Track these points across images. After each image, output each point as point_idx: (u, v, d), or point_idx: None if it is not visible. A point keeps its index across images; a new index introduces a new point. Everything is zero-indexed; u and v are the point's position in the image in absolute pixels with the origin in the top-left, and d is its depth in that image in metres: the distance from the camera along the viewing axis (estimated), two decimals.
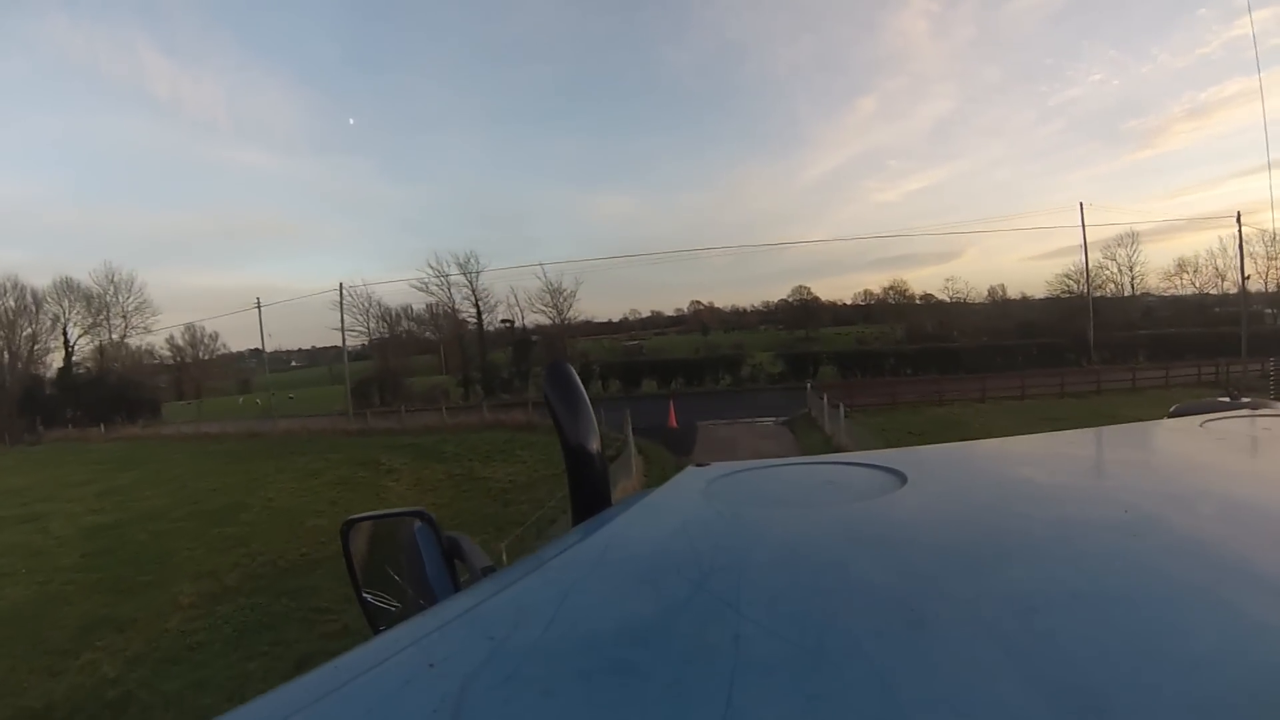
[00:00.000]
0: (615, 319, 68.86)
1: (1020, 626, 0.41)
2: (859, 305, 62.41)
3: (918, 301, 54.86)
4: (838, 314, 62.44)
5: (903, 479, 0.80)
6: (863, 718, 0.33)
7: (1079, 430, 1.21)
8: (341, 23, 66.88)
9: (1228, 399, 1.37)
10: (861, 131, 66.49)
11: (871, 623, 0.43)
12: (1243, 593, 0.44)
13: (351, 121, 66.56)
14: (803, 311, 63.62)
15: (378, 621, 1.08)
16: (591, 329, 67.72)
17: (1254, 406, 1.28)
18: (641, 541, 0.71)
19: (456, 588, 1.00)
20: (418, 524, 1.10)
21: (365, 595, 1.14)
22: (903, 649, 0.39)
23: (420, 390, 37.91)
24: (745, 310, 66.47)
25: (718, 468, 1.00)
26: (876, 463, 0.89)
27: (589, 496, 0.89)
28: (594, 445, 0.89)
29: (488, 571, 0.95)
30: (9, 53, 56.67)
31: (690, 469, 1.01)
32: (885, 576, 0.51)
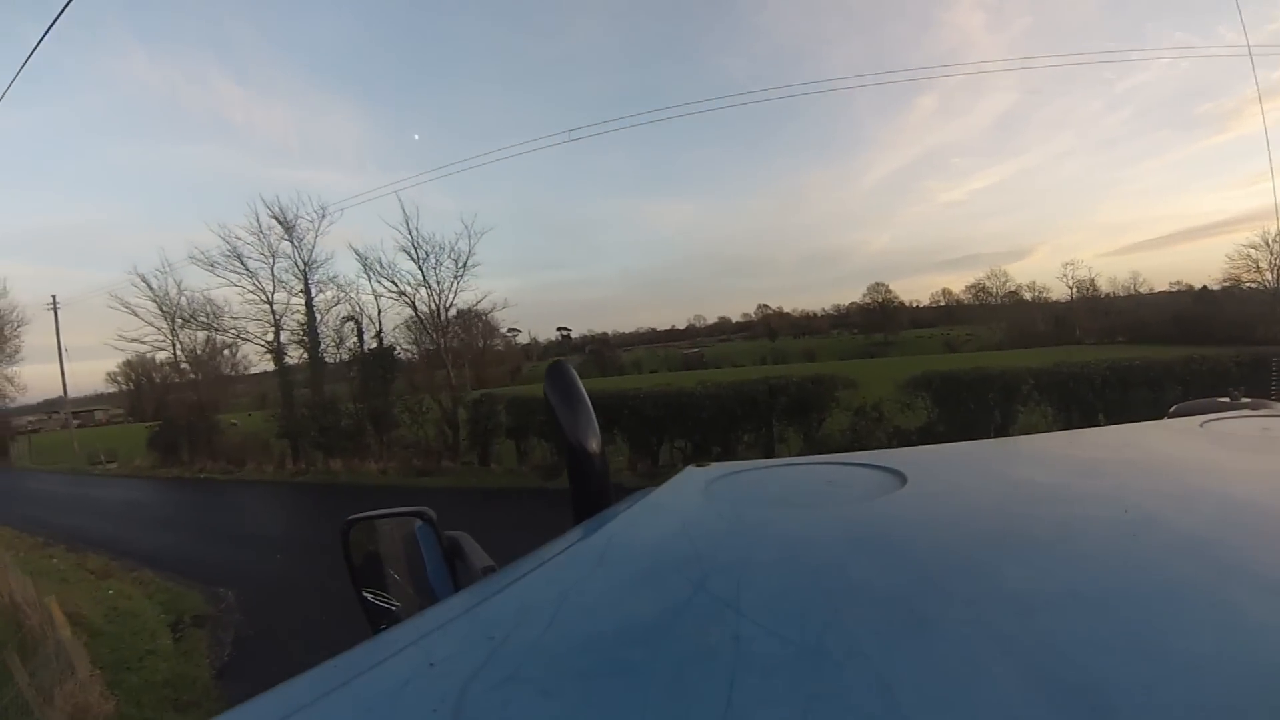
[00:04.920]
0: (680, 326, 69.85)
1: (1020, 626, 0.41)
2: (937, 306, 60.48)
3: (999, 300, 51.55)
4: (915, 316, 60.33)
5: (903, 479, 0.80)
6: (863, 718, 0.33)
7: (1079, 430, 1.21)
8: (401, 44, 63.67)
9: (1227, 399, 1.38)
10: (923, 130, 65.04)
11: (871, 623, 0.43)
12: (1243, 593, 0.44)
13: (416, 138, 61.91)
14: (880, 313, 59.74)
15: (378, 621, 1.07)
16: (657, 336, 69.37)
17: (1254, 406, 1.29)
18: (641, 541, 0.71)
19: (456, 587, 1.00)
20: (418, 523, 1.09)
21: (365, 594, 1.12)
22: (903, 649, 0.39)
23: (233, 441, 20.43)
24: (815, 314, 64.23)
25: (718, 468, 1.00)
26: (876, 463, 0.90)
27: (589, 496, 0.89)
28: (594, 445, 0.90)
29: (488, 571, 0.95)
30: (94, 88, 53.73)
31: (690, 469, 1.01)
32: (885, 576, 0.51)
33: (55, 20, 8.48)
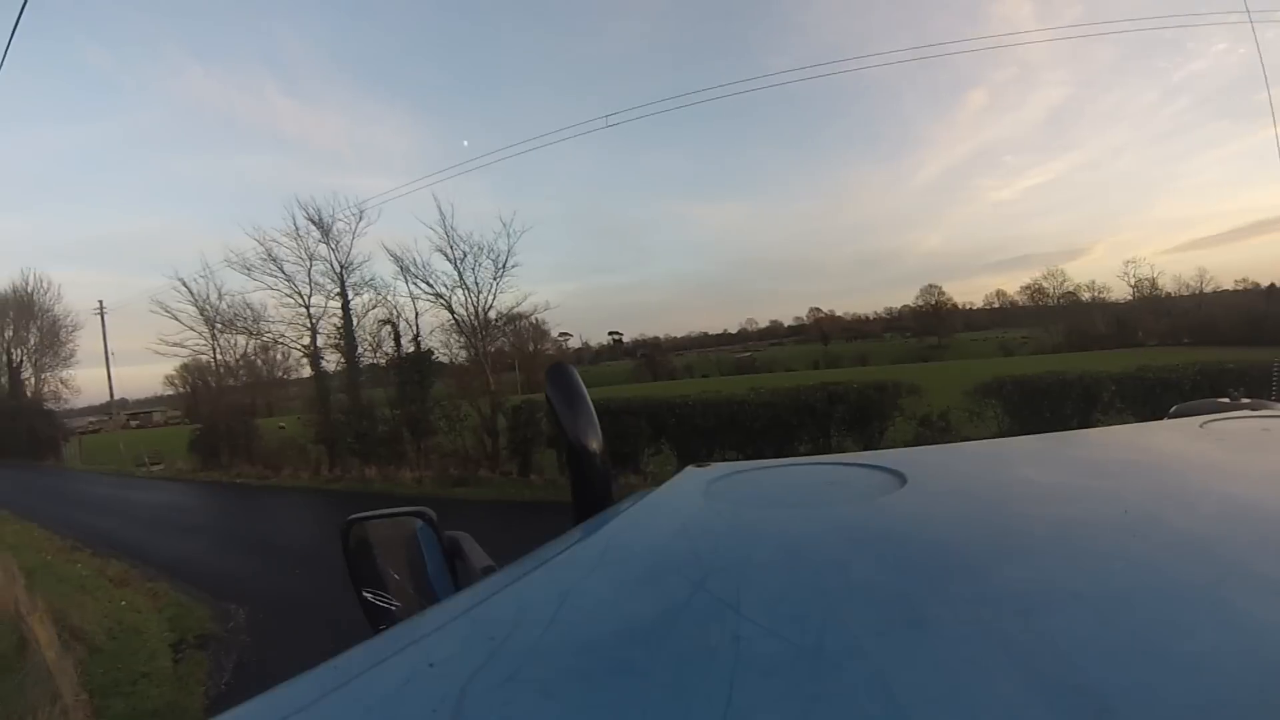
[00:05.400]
0: (732, 330, 69.13)
1: (1020, 626, 0.41)
2: (991, 308, 58.41)
3: (1056, 301, 49.39)
4: (969, 318, 58.70)
5: (903, 479, 0.80)
6: (863, 718, 0.33)
7: (1079, 430, 1.22)
8: (449, 51, 68.15)
9: (1227, 399, 1.38)
10: (973, 127, 62.16)
11: (871, 623, 0.43)
12: (1243, 593, 0.43)
13: (465, 143, 65.45)
14: (934, 316, 57.94)
15: (377, 621, 1.07)
16: (709, 340, 68.83)
17: (1254, 407, 1.29)
18: (641, 541, 0.71)
19: (457, 587, 1.00)
20: (419, 523, 1.09)
21: (365, 594, 1.12)
22: (903, 649, 0.39)
23: (271, 446, 20.34)
24: (867, 318, 63.02)
25: (718, 468, 1.00)
26: (876, 463, 0.90)
27: (589, 496, 0.89)
28: (595, 445, 0.90)
29: (488, 571, 0.95)
30: (151, 103, 59.22)
31: (690, 469, 1.01)
32: (885, 576, 0.51)
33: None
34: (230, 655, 6.06)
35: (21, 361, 39.03)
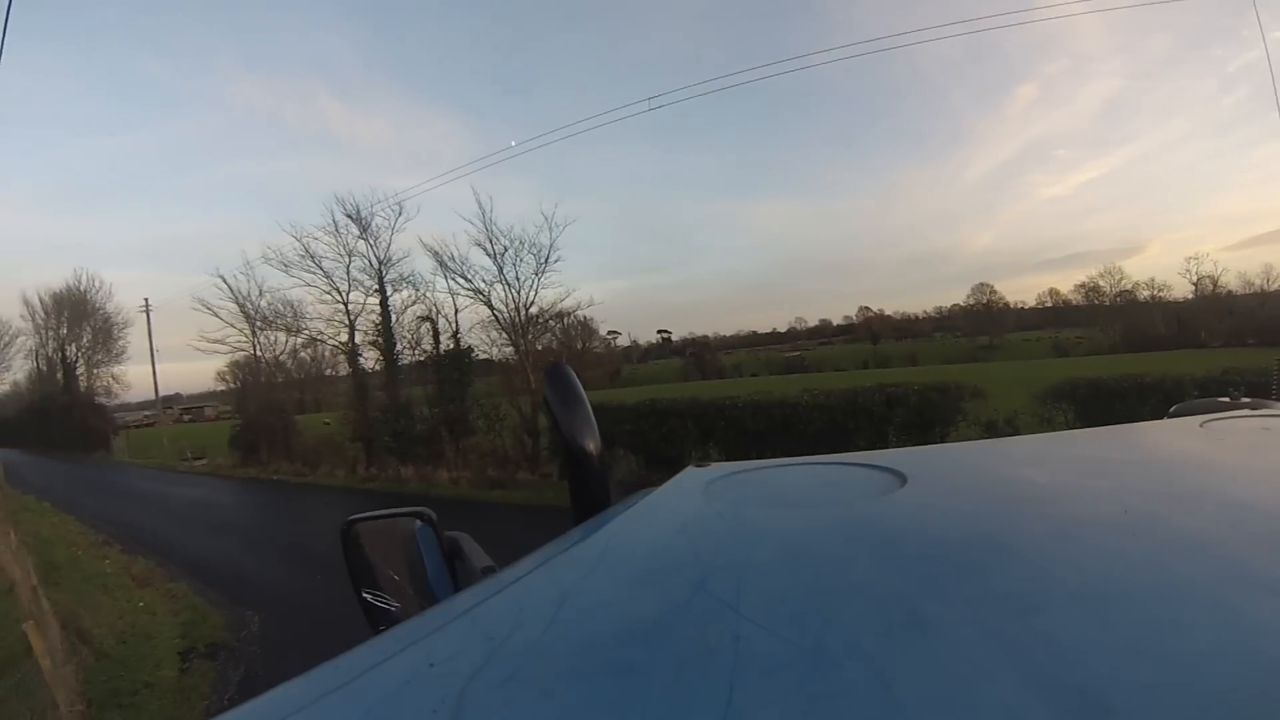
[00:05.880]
0: (781, 329, 68.55)
1: (1020, 626, 0.41)
2: (1044, 307, 56.95)
3: (1112, 300, 48.02)
4: (1021, 318, 57.47)
5: (903, 479, 0.80)
6: (863, 718, 0.33)
7: (1079, 430, 1.21)
8: (496, 54, 69.45)
9: (1227, 399, 1.37)
10: (1024, 122, 58.53)
11: (871, 623, 0.43)
12: (1242, 593, 0.43)
13: (513, 143, 60.64)
14: (985, 315, 56.61)
15: (377, 621, 1.07)
16: (758, 339, 68.98)
17: (1254, 406, 1.28)
18: (641, 541, 0.71)
19: (456, 588, 1.00)
20: (418, 523, 1.09)
21: (365, 595, 1.12)
22: (903, 649, 0.39)
23: (309, 443, 20.37)
24: (917, 317, 61.82)
25: (718, 468, 1.00)
26: (876, 463, 0.90)
27: (589, 496, 0.89)
28: (592, 446, 0.90)
29: (488, 571, 0.95)
30: (206, 109, 62.02)
31: (690, 469, 1.01)
32: (885, 576, 0.51)
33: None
34: (238, 667, 5.87)
35: (76, 358, 40.24)
